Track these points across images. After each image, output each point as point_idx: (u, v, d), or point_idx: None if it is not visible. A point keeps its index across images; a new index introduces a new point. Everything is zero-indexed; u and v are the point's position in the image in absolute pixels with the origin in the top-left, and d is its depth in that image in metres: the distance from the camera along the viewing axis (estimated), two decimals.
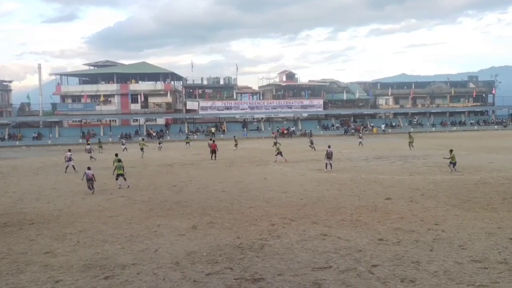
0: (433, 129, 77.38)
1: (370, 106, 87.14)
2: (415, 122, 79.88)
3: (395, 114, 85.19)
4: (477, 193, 19.17)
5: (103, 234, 14.06)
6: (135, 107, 77.01)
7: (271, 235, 13.37)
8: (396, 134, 65.63)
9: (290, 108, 79.04)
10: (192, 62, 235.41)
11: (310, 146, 43.68)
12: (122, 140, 42.12)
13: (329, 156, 27.98)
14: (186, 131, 71.80)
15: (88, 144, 43.57)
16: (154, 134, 69.34)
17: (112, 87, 77.45)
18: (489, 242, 12.13)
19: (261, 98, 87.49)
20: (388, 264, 10.56)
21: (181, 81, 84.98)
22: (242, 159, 36.37)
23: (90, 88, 77.69)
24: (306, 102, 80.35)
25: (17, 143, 63.64)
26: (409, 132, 37.99)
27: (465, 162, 29.89)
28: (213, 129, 71.57)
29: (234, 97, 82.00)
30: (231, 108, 77.22)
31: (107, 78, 79.33)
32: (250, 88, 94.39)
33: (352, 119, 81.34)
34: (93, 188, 21.89)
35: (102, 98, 74.94)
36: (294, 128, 74.66)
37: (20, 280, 10.20)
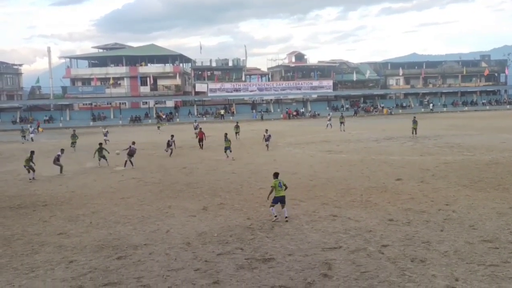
0: (444, 109, 76.53)
1: (380, 86, 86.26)
2: (426, 102, 79.02)
3: (406, 95, 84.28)
4: (488, 173, 19.03)
5: (115, 216, 14.24)
6: (145, 89, 77.07)
7: (281, 215, 13.42)
8: (407, 115, 65.03)
9: (299, 89, 78.53)
10: (200, 44, 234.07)
11: (342, 129, 42.94)
12: (104, 130, 41.76)
13: (266, 139, 29.84)
14: (194, 114, 71.85)
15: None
16: (164, 116, 69.47)
17: (121, 70, 77.47)
18: (500, 222, 12.09)
19: (270, 79, 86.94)
20: (398, 244, 10.59)
21: (189, 63, 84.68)
22: (251, 141, 36.37)
23: (99, 71, 77.77)
24: (315, 83, 79.75)
25: (29, 126, 64.14)
26: (414, 117, 36.65)
27: (477, 142, 29.64)
28: (222, 112, 71.51)
29: (243, 79, 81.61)
30: (240, 90, 76.95)
31: (116, 61, 79.26)
32: (259, 69, 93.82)
33: (362, 100, 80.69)
34: (132, 164, 23.56)
35: (111, 81, 75.05)
36: (303, 110, 74.31)
37: (35, 261, 10.40)
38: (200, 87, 78.07)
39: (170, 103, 76.16)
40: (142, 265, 9.88)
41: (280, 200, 12.91)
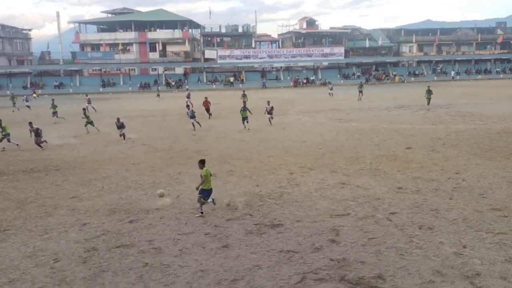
0: (458, 77, 75.25)
1: (393, 54, 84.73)
2: (439, 70, 77.68)
3: (419, 62, 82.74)
4: (499, 142, 18.86)
5: (127, 181, 14.44)
6: (154, 56, 76.47)
7: (290, 183, 13.53)
8: (419, 83, 64.12)
9: (310, 56, 77.41)
10: (209, 9, 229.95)
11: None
12: (87, 97, 39.80)
13: (268, 111, 26.83)
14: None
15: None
16: (173, 83, 69.24)
17: (130, 36, 76.70)
18: (510, 191, 12.07)
19: (280, 46, 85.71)
20: (407, 211, 10.65)
21: (199, 29, 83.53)
22: (261, 109, 36.19)
23: (108, 37, 77.10)
24: (326, 50, 78.48)
25: (40, 91, 64.42)
26: (428, 86, 35.33)
27: (489, 111, 29.26)
28: (231, 79, 71.02)
29: (253, 45, 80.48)
30: (249, 57, 76.06)
31: (125, 26, 78.39)
32: (269, 36, 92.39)
33: (374, 68, 79.49)
34: (124, 138, 22.47)
35: (120, 47, 74.51)
36: (313, 78, 73.53)
37: (49, 223, 10.65)
38: (210, 53, 77.28)
39: (179, 70, 75.71)
40: (153, 229, 10.08)
41: (210, 194, 10.92)
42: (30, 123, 21.51)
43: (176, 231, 9.90)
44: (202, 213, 10.77)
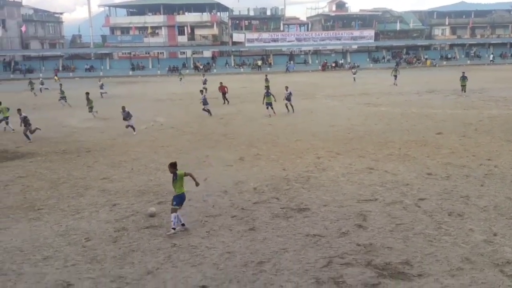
0: (493, 61, 72.71)
1: (425, 37, 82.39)
2: (473, 54, 75.21)
3: (452, 45, 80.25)
4: None
5: (155, 163, 14.66)
6: (182, 39, 76.75)
7: (317, 167, 13.47)
8: (452, 67, 62.35)
9: (339, 39, 76.08)
10: None
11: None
12: (99, 82, 38.19)
13: (286, 97, 24.90)
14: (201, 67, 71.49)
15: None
16: (201, 67, 69.46)
17: (159, 19, 77.10)
18: None
19: (309, 29, 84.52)
20: (436, 198, 10.46)
21: (227, 12, 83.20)
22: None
23: (138, 20, 77.67)
24: (356, 33, 76.99)
25: (71, 74, 65.79)
26: (463, 72, 32.64)
27: None
28: (259, 62, 70.69)
29: (281, 28, 79.69)
30: (277, 40, 75.38)
31: (154, 9, 78.75)
32: (298, 19, 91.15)
33: (405, 51, 77.57)
34: (134, 130, 21.08)
35: (149, 30, 75.09)
36: (342, 61, 72.40)
37: (80, 203, 10.96)
38: (238, 37, 77.02)
39: (207, 53, 75.82)
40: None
41: (184, 200, 9.23)
42: (19, 110, 19.90)
43: (203, 213, 10.03)
44: (174, 229, 8.85)
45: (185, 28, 76.24)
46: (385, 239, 8.37)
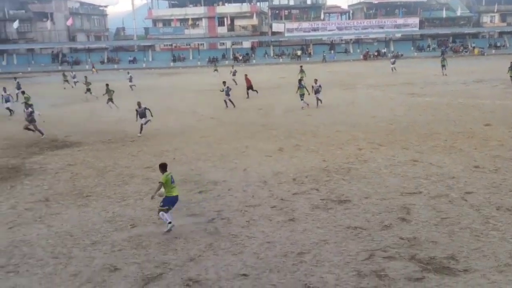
0: None
1: (473, 24, 79.03)
2: None
3: (501, 33, 76.61)
4: None
5: (196, 153, 14.89)
6: (222, 30, 77.20)
7: (358, 159, 13.27)
8: (501, 56, 59.58)
9: (382, 28, 74.16)
10: None
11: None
12: (128, 75, 37.54)
13: (316, 90, 23.26)
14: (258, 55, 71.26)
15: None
16: (240, 57, 69.64)
17: (200, 10, 77.81)
18: None
19: (350, 18, 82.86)
20: (484, 191, 10.10)
21: (266, 2, 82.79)
22: (328, 83, 35.54)
23: (179, 12, 78.71)
24: (400, 21, 74.76)
25: (115, 66, 67.57)
26: None
27: None
28: (298, 52, 70.10)
29: (322, 17, 78.57)
30: (318, 30, 74.41)
31: (195, 1, 79.53)
32: (339, 7, 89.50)
33: (451, 39, 74.78)
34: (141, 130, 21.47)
35: (190, 22, 75.99)
36: (385, 50, 70.65)
37: (126, 191, 11.30)
38: (277, 27, 76.58)
39: (246, 44, 75.89)
40: (221, 200, 10.38)
41: (174, 202, 8.93)
42: (25, 103, 19.37)
43: (243, 203, 10.12)
44: (170, 222, 8.66)
45: (225, 19, 76.60)
46: (430, 233, 8.18)
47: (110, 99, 25.17)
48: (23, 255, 7.90)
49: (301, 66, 36.19)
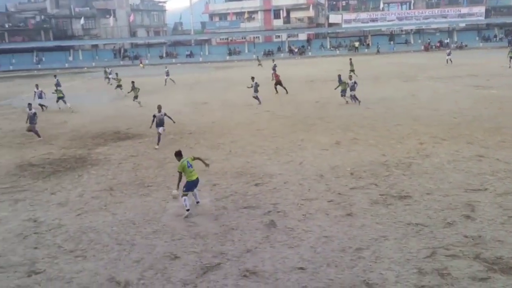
0: None
1: None
2: None
3: None
4: None
5: (252, 146, 14.99)
6: (278, 23, 77.06)
7: (420, 154, 12.82)
8: None
9: (445, 17, 70.95)
10: None
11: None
12: (165, 69, 37.11)
13: (351, 87, 21.84)
14: (329, 46, 70.22)
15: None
16: (296, 50, 69.20)
17: (256, 3, 78.03)
18: None
19: (411, 7, 79.87)
20: None
21: None
22: (388, 75, 34.59)
23: (235, 5, 79.40)
24: (464, 10, 71.16)
25: (173, 60, 69.35)
26: None
27: None
28: (356, 44, 68.61)
29: (381, 7, 76.27)
30: (377, 20, 72.41)
31: None
32: None
33: None
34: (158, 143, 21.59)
35: (246, 15, 76.42)
36: (448, 40, 67.52)
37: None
38: (334, 18, 75.31)
39: (302, 36, 75.26)
40: (277, 193, 10.39)
41: (195, 185, 9.65)
42: (29, 105, 18.47)
43: (299, 196, 10.08)
44: (188, 210, 9.24)
45: (281, 11, 76.35)
46: (496, 232, 7.76)
47: (136, 97, 25.34)
48: (90, 241, 8.33)
49: (350, 59, 35.31)
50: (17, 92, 31.62)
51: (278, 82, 27.04)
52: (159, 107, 15.99)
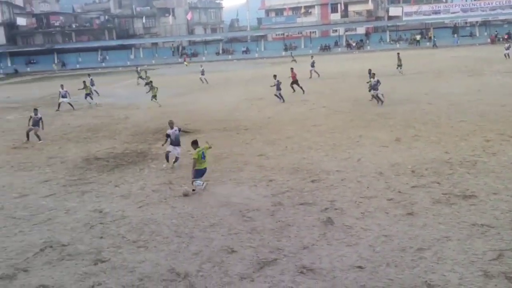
0: None
1: None
2: None
3: None
4: None
5: (308, 142, 14.88)
6: (335, 17, 75.90)
7: (486, 151, 12.18)
8: None
9: None
10: None
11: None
12: (201, 68, 36.37)
13: (373, 86, 20.75)
14: (388, 40, 68.30)
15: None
16: (354, 44, 67.83)
17: None
18: None
19: None
20: None
21: None
22: (451, 69, 33.10)
23: (291, 1, 78.97)
24: None
25: (229, 57, 70.23)
26: None
27: None
28: (417, 37, 66.17)
29: None
30: (439, 12, 69.40)
31: None
32: None
33: None
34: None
35: (302, 10, 75.90)
36: None
37: (240, 177, 11.71)
38: (394, 11, 73.05)
39: (360, 30, 73.66)
40: (334, 190, 10.25)
41: (203, 173, 10.82)
42: (35, 110, 18.25)
43: (357, 194, 9.89)
44: (194, 190, 10.57)
45: (339, 5, 75.13)
46: None
47: (154, 96, 25.26)
48: (151, 232, 8.62)
49: (398, 53, 33.83)
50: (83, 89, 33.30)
51: (295, 82, 26.15)
52: (171, 123, 13.13)
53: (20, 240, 8.65)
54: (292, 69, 27.12)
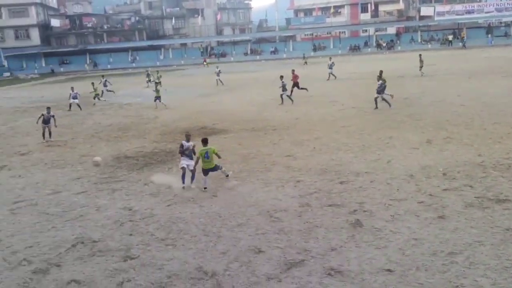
0: None
1: None
2: None
3: None
4: None
5: (337, 142, 14.75)
6: (365, 17, 74.97)
7: None
8: None
9: None
10: None
11: None
12: (216, 70, 36.48)
13: (378, 90, 20.23)
14: (419, 40, 67.00)
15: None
16: (384, 44, 66.85)
17: None
18: None
19: None
20: None
21: None
22: (485, 70, 32.22)
23: (320, 0, 78.49)
24: None
25: (258, 57, 70.33)
26: None
27: None
28: (450, 37, 64.70)
29: None
30: (473, 12, 67.63)
31: None
32: None
33: None
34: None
35: (332, 10, 75.30)
36: None
37: (268, 177, 11.70)
38: (426, 10, 71.56)
39: (391, 30, 72.56)
40: (363, 192, 10.12)
41: (207, 172, 11.05)
42: (48, 108, 18.57)
43: (387, 196, 9.73)
44: (205, 188, 10.92)
45: (369, 5, 74.21)
46: None
47: (158, 97, 25.59)
48: (180, 231, 8.72)
49: (420, 55, 32.96)
50: (114, 89, 33.99)
51: (296, 84, 25.33)
52: (188, 136, 11.80)
53: (53, 236, 8.90)
54: (293, 70, 26.55)
